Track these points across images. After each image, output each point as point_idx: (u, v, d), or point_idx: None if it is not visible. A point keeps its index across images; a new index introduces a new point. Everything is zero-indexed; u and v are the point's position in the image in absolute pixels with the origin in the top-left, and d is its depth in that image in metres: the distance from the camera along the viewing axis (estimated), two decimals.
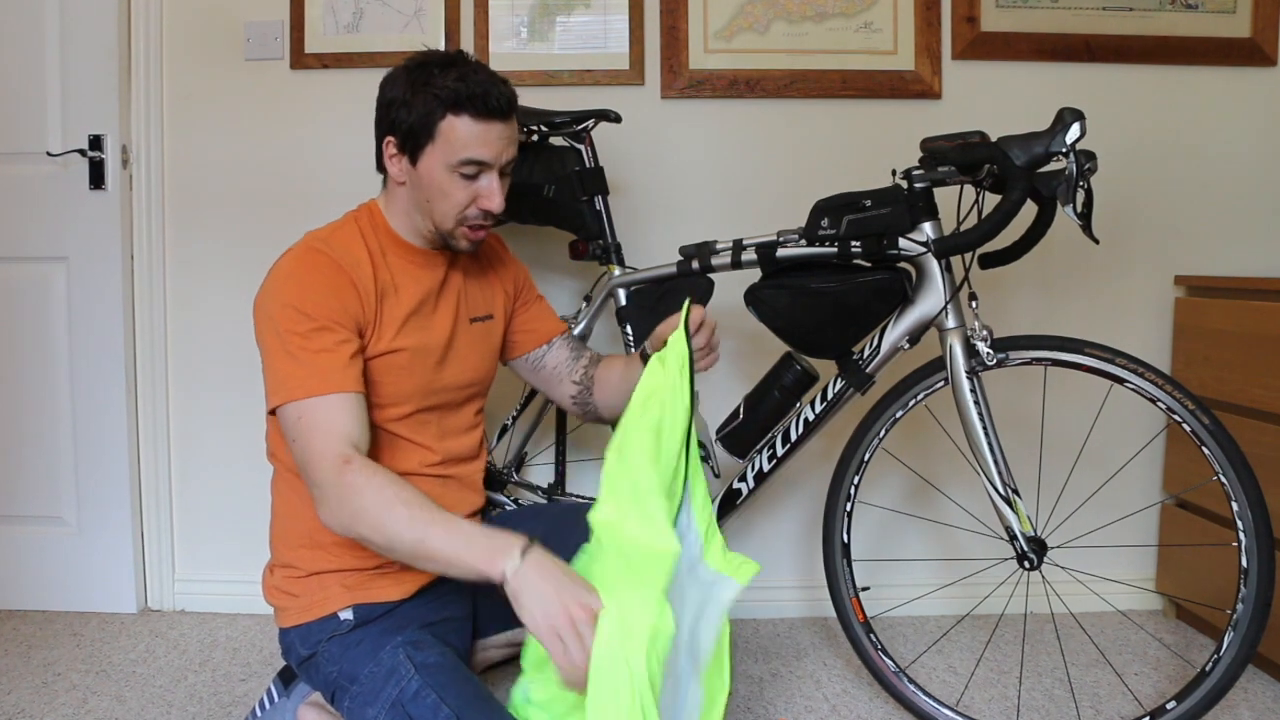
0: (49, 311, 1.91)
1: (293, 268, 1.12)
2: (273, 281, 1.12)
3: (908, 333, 1.39)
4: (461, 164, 1.13)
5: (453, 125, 1.12)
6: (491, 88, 1.12)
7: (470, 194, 1.15)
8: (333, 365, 1.07)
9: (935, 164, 1.32)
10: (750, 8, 1.88)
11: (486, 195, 1.16)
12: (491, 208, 1.16)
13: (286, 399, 1.06)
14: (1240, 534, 1.24)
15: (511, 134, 1.16)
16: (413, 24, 1.87)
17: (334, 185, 1.89)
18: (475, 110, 1.11)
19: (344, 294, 1.11)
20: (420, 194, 1.17)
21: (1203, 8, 1.91)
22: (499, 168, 1.16)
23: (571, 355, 1.42)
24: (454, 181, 1.14)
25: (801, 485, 1.96)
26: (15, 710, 1.51)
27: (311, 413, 1.05)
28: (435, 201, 1.16)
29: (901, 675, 1.46)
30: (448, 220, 1.17)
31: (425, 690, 1.06)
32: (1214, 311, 1.79)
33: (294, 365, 1.06)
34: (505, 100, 1.14)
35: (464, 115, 1.11)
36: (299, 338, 1.07)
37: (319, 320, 1.08)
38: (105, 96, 1.85)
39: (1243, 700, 1.55)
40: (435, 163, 1.14)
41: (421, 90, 1.12)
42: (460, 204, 1.16)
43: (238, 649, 1.77)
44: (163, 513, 1.96)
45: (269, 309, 1.10)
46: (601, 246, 1.64)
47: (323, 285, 1.10)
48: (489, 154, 1.14)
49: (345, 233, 1.18)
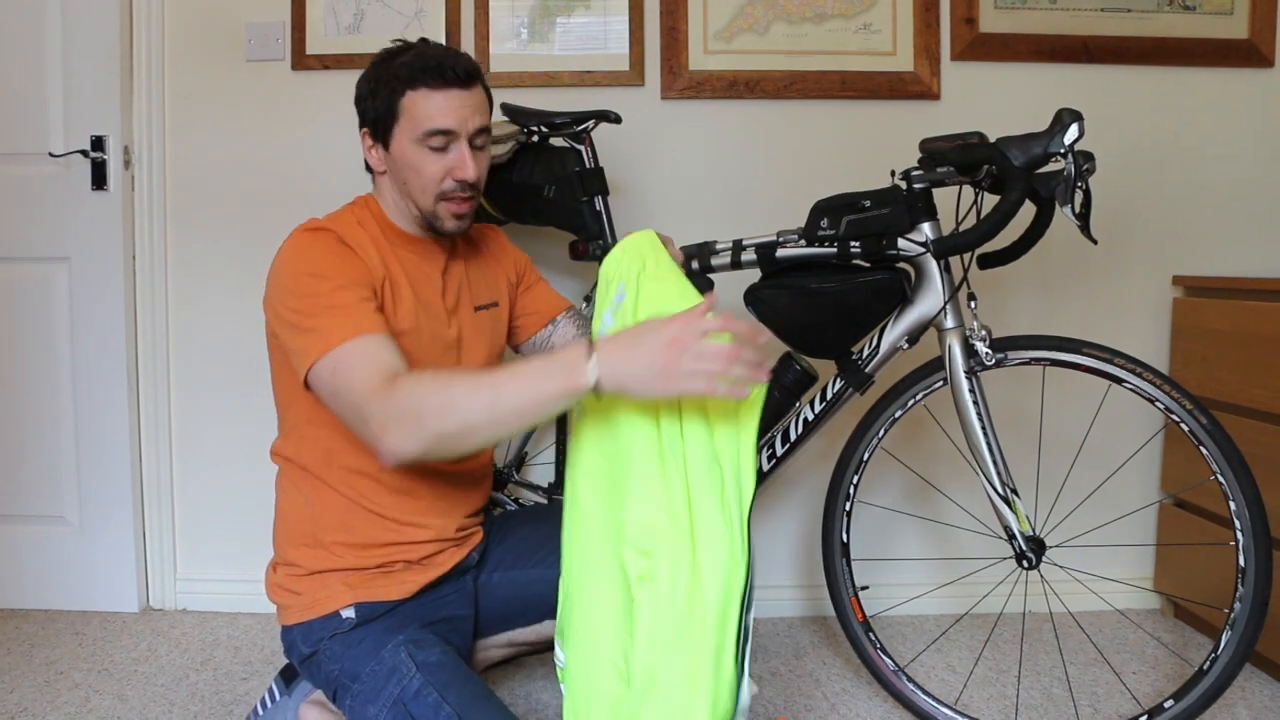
0: (51, 312, 1.91)
1: (303, 245, 1.12)
2: (282, 261, 1.12)
3: (907, 333, 1.39)
4: (427, 135, 1.13)
5: (413, 100, 1.13)
6: (446, 58, 1.13)
7: (443, 166, 1.15)
8: (359, 313, 1.07)
9: (934, 165, 1.32)
10: (750, 9, 1.89)
11: (459, 165, 1.15)
12: (466, 176, 1.15)
13: (317, 356, 1.04)
14: (1238, 533, 1.25)
15: (475, 102, 1.16)
16: (413, 25, 1.88)
17: (335, 185, 1.89)
18: (430, 81, 1.12)
19: (354, 263, 1.12)
20: (398, 176, 1.18)
21: (1200, 9, 1.91)
22: (467, 136, 1.15)
23: (579, 332, 1.41)
24: (424, 156, 1.15)
25: (801, 485, 1.96)
26: (18, 709, 1.51)
27: (346, 358, 1.03)
28: (411, 180, 1.16)
29: (900, 674, 1.47)
30: (426, 196, 1.17)
31: (427, 689, 1.06)
32: (1212, 312, 1.80)
33: (318, 322, 1.05)
34: (461, 68, 1.14)
35: (421, 88, 1.12)
36: (321, 297, 1.06)
37: (337, 281, 1.08)
38: (107, 97, 1.86)
39: (1240, 699, 1.56)
40: (404, 141, 1.15)
41: (382, 76, 1.15)
42: (435, 177, 1.16)
43: (239, 648, 1.78)
44: (164, 512, 1.97)
45: (284, 282, 1.09)
46: (601, 247, 1.64)
47: (334, 255, 1.11)
48: (452, 121, 1.13)
49: (345, 218, 1.19)
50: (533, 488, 1.76)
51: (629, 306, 1.08)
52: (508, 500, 1.70)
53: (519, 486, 1.77)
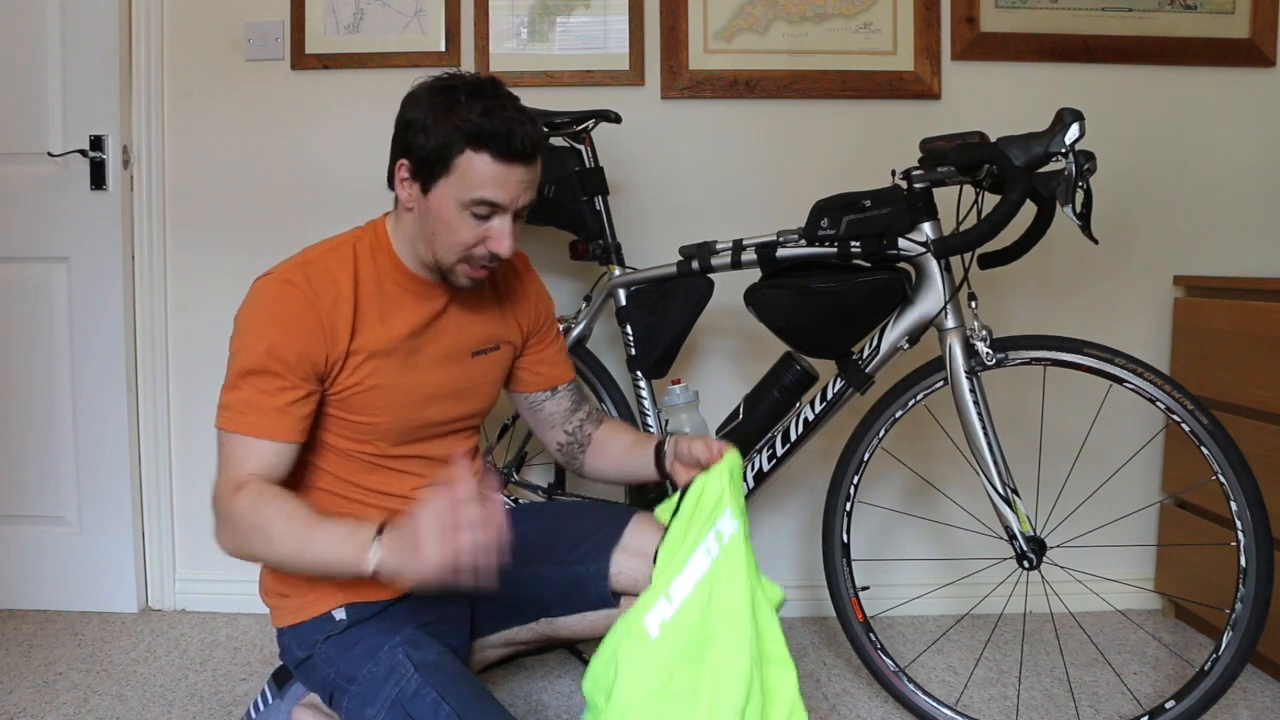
0: (50, 312, 1.91)
1: (265, 299, 1.10)
2: (243, 309, 1.11)
3: (907, 333, 1.39)
4: (474, 203, 1.06)
5: (470, 161, 1.04)
6: (518, 127, 1.04)
7: (479, 234, 1.08)
8: (265, 409, 1.07)
9: (935, 164, 1.32)
10: (750, 8, 1.88)
11: (496, 238, 1.08)
12: (501, 251, 1.09)
13: (218, 423, 1.10)
14: (1239, 534, 1.25)
15: (532, 178, 1.09)
16: (413, 24, 1.88)
17: (335, 185, 1.89)
18: (497, 150, 1.04)
19: (306, 336, 1.08)
20: (427, 225, 1.11)
21: (1202, 8, 1.91)
22: (514, 211, 1.09)
23: (571, 406, 1.36)
24: (463, 219, 1.07)
25: (801, 485, 1.96)
26: (17, 709, 1.51)
27: (230, 446, 1.08)
28: (440, 235, 1.09)
29: (901, 674, 1.46)
30: (450, 256, 1.11)
31: (425, 689, 1.06)
32: (1213, 312, 1.80)
33: (232, 395, 1.09)
34: (530, 142, 1.06)
35: (484, 153, 1.04)
36: (250, 375, 1.07)
37: (265, 364, 1.06)
38: (106, 97, 1.85)
39: (1241, 699, 1.55)
40: (447, 196, 1.06)
41: (443, 118, 1.04)
42: (466, 243, 1.09)
43: (238, 648, 1.78)
44: (163, 512, 1.96)
45: (235, 328, 1.11)
46: (601, 246, 1.64)
47: (288, 324, 1.07)
48: (505, 197, 1.06)
49: (336, 258, 1.14)
50: (533, 488, 1.76)
51: (736, 539, 1.04)
52: (507, 500, 1.70)
53: (518, 487, 1.77)
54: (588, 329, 1.70)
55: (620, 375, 1.72)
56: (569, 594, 1.26)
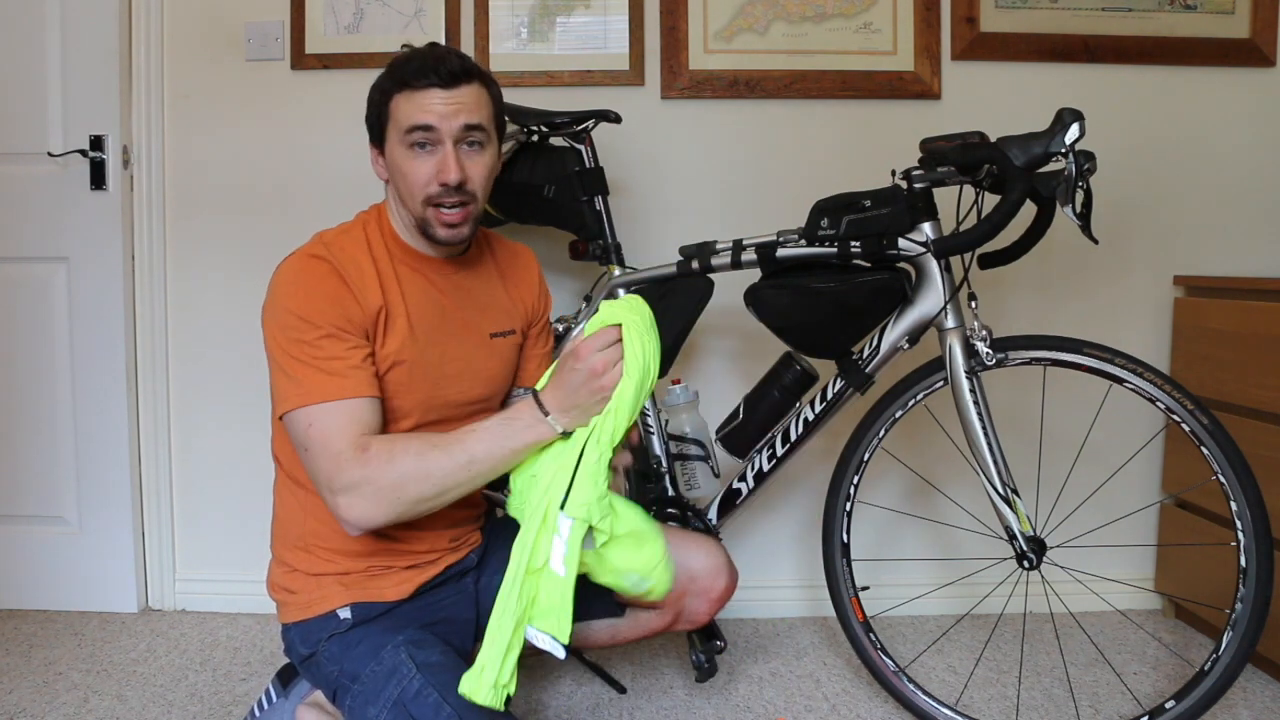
0: (50, 312, 1.91)
1: (295, 274, 1.11)
2: (276, 288, 1.11)
3: (907, 333, 1.39)
4: (407, 133, 1.12)
5: (398, 102, 1.13)
6: (432, 60, 1.12)
7: (428, 168, 1.13)
8: (343, 371, 1.07)
9: (935, 164, 1.32)
10: (750, 8, 1.88)
11: (442, 168, 1.12)
12: (448, 179, 1.12)
13: (297, 405, 1.05)
14: (1239, 534, 1.25)
15: (460, 101, 1.12)
16: (413, 24, 1.88)
17: (335, 185, 1.89)
18: (414, 81, 1.11)
19: (345, 302, 1.10)
20: (396, 185, 1.17)
21: (1202, 8, 1.91)
22: (452, 137, 1.12)
23: None
24: (410, 157, 1.13)
25: (801, 485, 1.96)
26: (16, 709, 1.51)
27: (322, 419, 1.05)
28: (401, 185, 1.15)
29: (901, 675, 1.46)
30: (415, 202, 1.15)
31: (427, 689, 1.06)
32: (1213, 312, 1.80)
33: (303, 371, 1.06)
34: (445, 69, 1.11)
35: (405, 89, 1.12)
36: (307, 345, 1.06)
37: (325, 327, 1.07)
38: (106, 97, 1.85)
39: (1241, 700, 1.55)
40: (394, 145, 1.14)
41: (381, 82, 1.16)
42: (421, 180, 1.13)
43: (238, 648, 1.78)
44: (163, 512, 1.96)
45: (276, 316, 1.09)
46: (601, 246, 1.64)
47: (325, 293, 1.09)
48: (431, 118, 1.11)
49: (351, 239, 1.17)
50: None
51: None
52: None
53: None
54: None
55: None
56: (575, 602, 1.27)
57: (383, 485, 1.03)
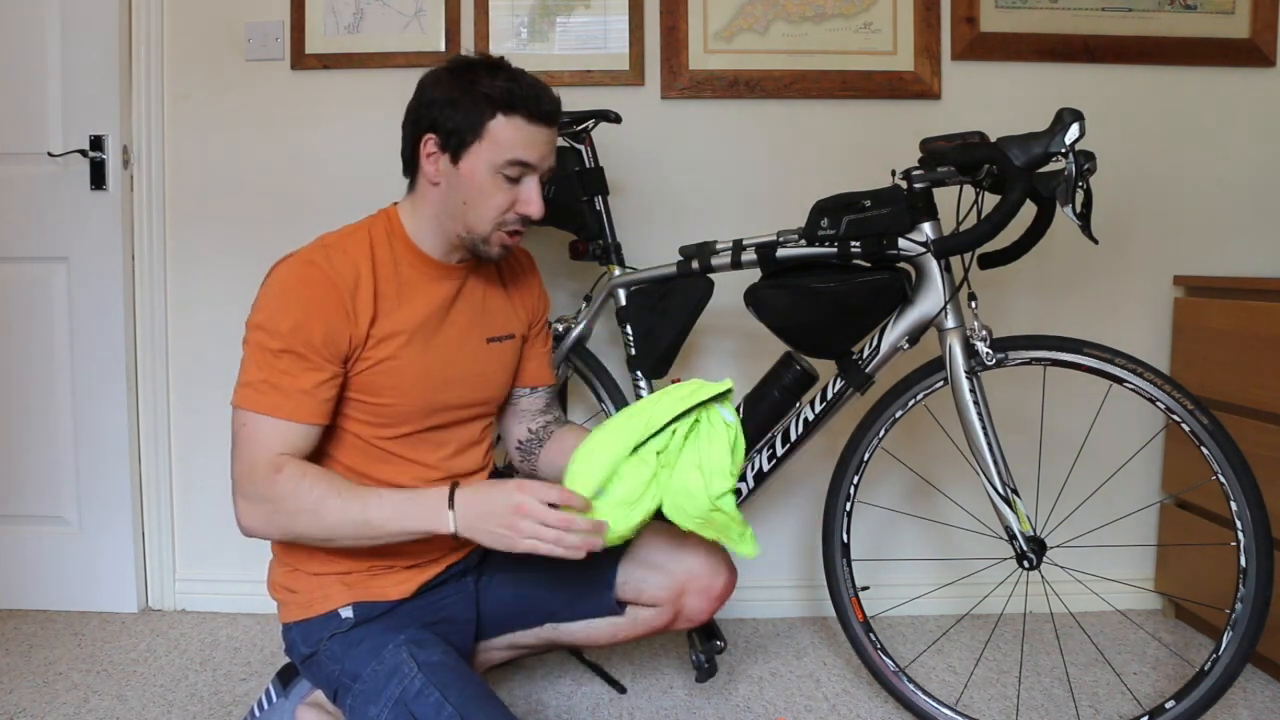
0: (50, 312, 1.91)
1: (284, 279, 1.11)
2: (265, 288, 1.11)
3: (907, 333, 1.39)
4: (507, 164, 1.11)
5: (503, 125, 1.10)
6: (543, 91, 1.13)
7: (510, 197, 1.14)
8: (290, 390, 1.07)
9: (935, 164, 1.32)
10: (750, 8, 1.88)
11: (526, 200, 1.14)
12: (531, 213, 1.14)
13: (240, 403, 1.09)
14: (1239, 534, 1.25)
15: (554, 142, 1.17)
16: (413, 24, 1.88)
17: (335, 185, 1.89)
18: (528, 112, 1.11)
19: (329, 316, 1.09)
20: (457, 195, 1.14)
21: (1202, 8, 1.91)
22: (541, 173, 1.15)
23: (544, 407, 1.39)
24: (496, 183, 1.12)
25: (801, 485, 1.96)
26: (16, 709, 1.51)
27: (256, 426, 1.07)
28: (473, 203, 1.13)
29: (901, 675, 1.47)
30: (484, 224, 1.15)
31: (428, 689, 1.06)
32: (1213, 311, 1.80)
33: (257, 376, 1.08)
34: (554, 106, 1.14)
35: (516, 116, 1.10)
36: (269, 353, 1.07)
37: (290, 344, 1.07)
38: (106, 97, 1.85)
39: (1241, 700, 1.55)
40: (480, 163, 1.12)
41: (470, 89, 1.10)
42: (499, 207, 1.14)
43: (238, 648, 1.78)
44: (164, 512, 1.96)
45: (254, 314, 1.10)
46: (601, 246, 1.64)
47: (307, 305, 1.08)
48: (535, 156, 1.13)
49: (353, 242, 1.15)
50: None
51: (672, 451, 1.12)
52: None
53: None
54: (588, 329, 1.70)
55: (620, 375, 1.72)
56: (575, 601, 1.27)
57: (278, 510, 1.06)
